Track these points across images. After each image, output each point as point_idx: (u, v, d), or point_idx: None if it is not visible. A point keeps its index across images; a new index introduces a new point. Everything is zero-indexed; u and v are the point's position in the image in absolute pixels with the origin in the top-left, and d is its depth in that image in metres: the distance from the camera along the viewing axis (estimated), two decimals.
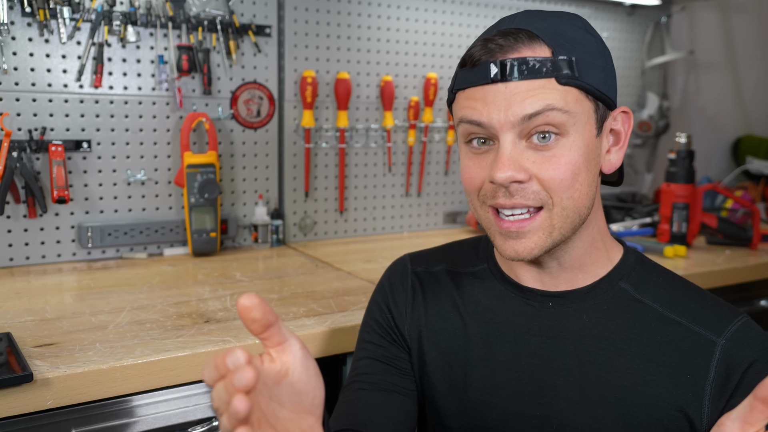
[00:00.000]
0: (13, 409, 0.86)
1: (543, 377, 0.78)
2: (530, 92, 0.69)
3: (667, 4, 2.40)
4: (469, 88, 0.73)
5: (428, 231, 2.03)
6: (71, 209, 1.52)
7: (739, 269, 1.62)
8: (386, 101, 1.88)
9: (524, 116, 0.69)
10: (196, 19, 1.59)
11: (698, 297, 0.78)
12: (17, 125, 1.44)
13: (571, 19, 0.75)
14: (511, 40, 0.71)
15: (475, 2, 2.03)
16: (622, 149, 0.78)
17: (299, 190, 1.81)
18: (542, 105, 0.69)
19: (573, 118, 0.71)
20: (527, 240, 0.73)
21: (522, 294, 0.82)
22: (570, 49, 0.71)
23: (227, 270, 1.48)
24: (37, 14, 1.42)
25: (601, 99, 0.73)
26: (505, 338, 0.81)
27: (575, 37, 0.73)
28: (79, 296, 1.26)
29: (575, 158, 0.71)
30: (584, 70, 0.71)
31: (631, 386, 0.74)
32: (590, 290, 0.79)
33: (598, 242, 0.80)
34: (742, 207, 1.99)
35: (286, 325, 1.08)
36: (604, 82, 0.73)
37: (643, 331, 0.75)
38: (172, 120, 1.62)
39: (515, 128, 0.70)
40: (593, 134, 0.74)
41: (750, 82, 2.74)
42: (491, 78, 0.70)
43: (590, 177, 0.74)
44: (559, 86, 0.70)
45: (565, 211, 0.72)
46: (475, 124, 0.72)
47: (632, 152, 2.47)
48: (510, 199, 0.72)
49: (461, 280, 0.87)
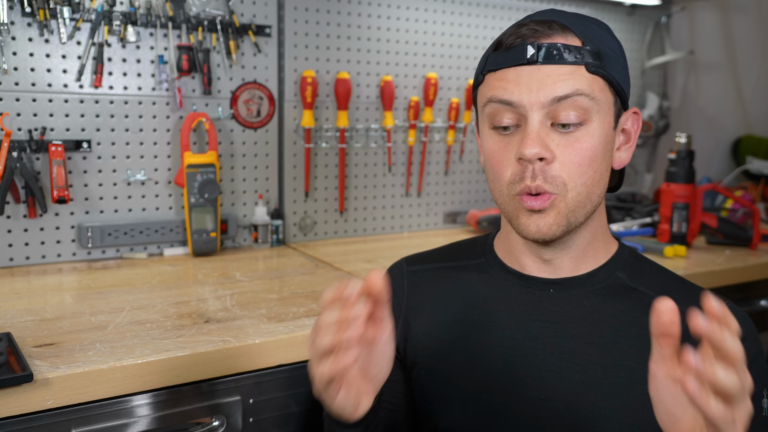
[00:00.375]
0: (13, 409, 0.86)
1: (546, 360, 0.79)
2: (561, 76, 0.74)
3: (667, 4, 2.40)
4: (501, 69, 0.77)
5: (428, 231, 2.03)
6: (71, 209, 1.52)
7: (739, 269, 1.62)
8: (386, 101, 1.88)
9: (554, 98, 0.74)
10: (196, 19, 1.59)
11: (687, 287, 0.84)
12: (17, 125, 1.44)
13: (596, 21, 0.81)
14: (545, 27, 0.76)
15: (476, 2, 2.03)
16: (631, 148, 0.83)
17: (299, 190, 1.81)
18: (572, 89, 0.74)
19: (597, 105, 0.76)
20: (548, 216, 0.76)
21: (523, 282, 0.85)
22: (598, 42, 0.77)
23: (227, 270, 1.48)
24: (37, 14, 1.42)
25: (620, 94, 0.78)
26: (506, 324, 0.83)
27: (601, 35, 0.78)
28: (79, 296, 1.26)
29: (595, 145, 0.76)
30: (609, 63, 0.77)
31: (634, 365, 0.76)
32: (590, 277, 0.83)
33: (599, 235, 0.84)
34: (742, 207, 1.99)
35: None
36: (624, 80, 0.79)
37: (640, 314, 0.79)
38: (172, 120, 1.62)
39: (544, 109, 0.74)
40: (611, 125, 0.78)
41: (750, 82, 2.74)
42: (527, 59, 0.75)
43: (604, 166, 0.78)
44: (588, 74, 0.75)
45: (579, 196, 0.76)
46: (505, 103, 0.76)
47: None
48: (534, 180, 0.75)
49: (459, 273, 0.90)
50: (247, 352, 1.02)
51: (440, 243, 0.83)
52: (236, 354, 1.01)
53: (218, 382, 1.03)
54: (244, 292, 1.29)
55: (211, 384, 1.02)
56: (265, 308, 1.19)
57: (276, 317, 1.14)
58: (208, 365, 0.99)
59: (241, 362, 1.02)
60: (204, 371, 0.99)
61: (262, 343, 1.04)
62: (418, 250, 1.00)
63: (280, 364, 1.06)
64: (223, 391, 1.03)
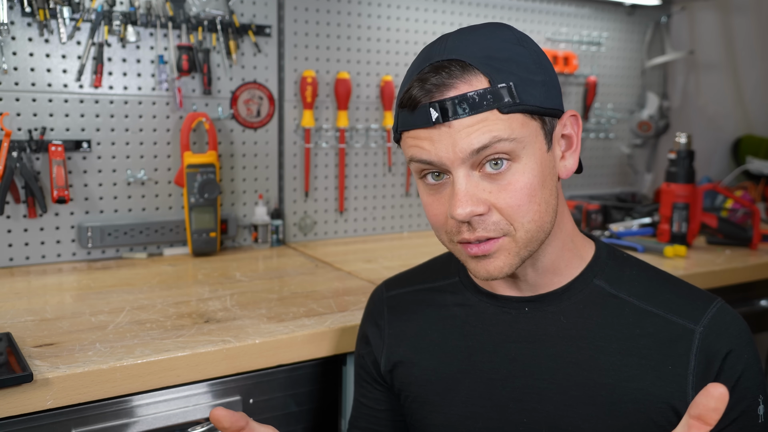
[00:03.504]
0: (13, 409, 0.86)
1: (527, 383, 0.78)
2: (474, 126, 0.69)
3: (667, 4, 2.41)
4: (413, 130, 0.73)
5: (428, 231, 2.03)
6: (71, 209, 1.52)
7: (739, 269, 1.62)
8: (386, 101, 1.88)
9: (472, 151, 0.69)
10: (196, 19, 1.59)
11: (672, 286, 0.79)
12: (17, 125, 1.44)
13: (503, 33, 0.74)
14: (445, 75, 0.69)
15: (475, 2, 2.03)
16: (576, 152, 0.78)
17: (299, 190, 1.81)
18: (488, 138, 0.69)
19: (521, 143, 0.70)
20: (496, 259, 0.73)
21: (497, 303, 0.82)
22: (507, 73, 0.70)
23: (227, 270, 1.48)
24: (37, 14, 1.42)
25: (546, 114, 0.73)
26: (484, 348, 0.81)
27: (509, 56, 0.71)
28: (79, 296, 1.26)
29: (530, 181, 0.71)
30: (524, 92, 0.70)
31: (615, 383, 0.74)
32: (565, 291, 0.79)
33: (568, 244, 0.80)
34: (742, 207, 1.99)
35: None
36: (547, 96, 0.72)
37: (621, 327, 0.76)
38: (172, 120, 1.62)
39: (466, 162, 0.70)
40: (544, 150, 0.73)
41: (750, 82, 2.74)
42: (433, 122, 0.70)
43: (547, 193, 0.74)
44: (503, 115, 0.69)
45: (528, 233, 0.73)
46: (425, 163, 0.73)
47: (632, 152, 2.47)
48: (473, 233, 0.72)
49: (436, 295, 0.89)
50: (247, 352, 1.02)
51: (439, 243, 0.82)
52: (236, 354, 1.01)
53: (218, 382, 1.03)
54: (244, 292, 1.29)
55: (211, 384, 1.02)
56: (265, 308, 1.19)
57: (276, 317, 1.14)
58: (208, 365, 0.99)
59: (241, 362, 1.02)
60: (204, 371, 0.99)
61: (262, 343, 1.04)
62: (417, 250, 1.00)
63: (280, 364, 1.06)
64: (223, 391, 1.03)
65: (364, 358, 0.93)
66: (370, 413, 0.93)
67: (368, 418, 0.93)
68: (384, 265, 1.55)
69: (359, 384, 0.95)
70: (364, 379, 0.93)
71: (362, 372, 0.94)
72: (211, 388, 1.02)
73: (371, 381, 0.92)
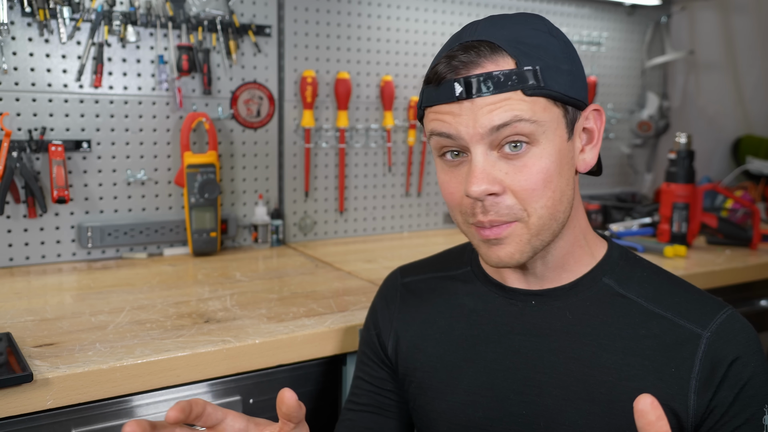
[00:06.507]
0: (13, 409, 0.86)
1: (528, 375, 0.78)
2: (497, 104, 0.69)
3: (667, 4, 2.41)
4: (437, 105, 0.73)
5: (428, 231, 2.03)
6: (71, 209, 1.52)
7: (739, 269, 1.62)
8: (386, 101, 1.88)
9: (492, 127, 0.69)
10: (196, 19, 1.59)
11: (683, 290, 0.79)
12: (17, 125, 1.44)
13: (534, 22, 0.75)
14: (473, 54, 0.71)
15: (475, 2, 2.03)
16: (596, 147, 0.78)
17: (299, 190, 1.81)
18: (509, 116, 0.69)
19: (542, 126, 0.71)
20: (507, 245, 0.74)
21: (505, 294, 0.83)
22: (534, 58, 0.71)
23: (227, 270, 1.48)
24: (37, 14, 1.42)
25: (569, 103, 0.73)
26: (489, 338, 0.82)
27: (539, 43, 0.72)
28: (79, 296, 1.26)
29: (546, 166, 0.71)
30: (550, 78, 0.71)
31: (616, 381, 0.74)
32: (573, 287, 0.80)
33: (580, 240, 0.80)
34: (742, 207, 1.99)
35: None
36: (572, 86, 0.73)
37: (626, 326, 0.76)
38: (172, 120, 1.62)
39: (485, 139, 0.70)
40: (564, 139, 0.73)
41: (750, 82, 2.74)
42: (457, 96, 0.70)
43: (563, 182, 0.74)
44: (526, 97, 0.70)
45: (540, 219, 0.73)
46: (445, 137, 0.73)
47: (632, 152, 2.47)
48: (486, 215, 0.72)
49: (447, 284, 0.89)
50: (247, 352, 1.02)
51: (440, 243, 0.83)
52: (236, 354, 1.01)
53: (218, 382, 1.03)
54: (244, 292, 1.29)
55: (211, 384, 1.02)
56: (265, 308, 1.19)
57: (276, 317, 1.14)
58: (208, 365, 0.99)
59: (241, 362, 1.02)
60: (204, 371, 0.99)
61: (262, 343, 1.04)
62: (417, 250, 1.00)
63: (280, 364, 1.06)
64: (223, 391, 1.03)
65: (372, 337, 0.94)
66: (375, 390, 0.92)
67: (371, 395, 0.92)
68: (384, 265, 1.55)
69: (363, 363, 0.95)
70: (370, 358, 0.93)
71: (368, 351, 0.94)
72: (211, 388, 1.02)
73: (377, 360, 0.93)
